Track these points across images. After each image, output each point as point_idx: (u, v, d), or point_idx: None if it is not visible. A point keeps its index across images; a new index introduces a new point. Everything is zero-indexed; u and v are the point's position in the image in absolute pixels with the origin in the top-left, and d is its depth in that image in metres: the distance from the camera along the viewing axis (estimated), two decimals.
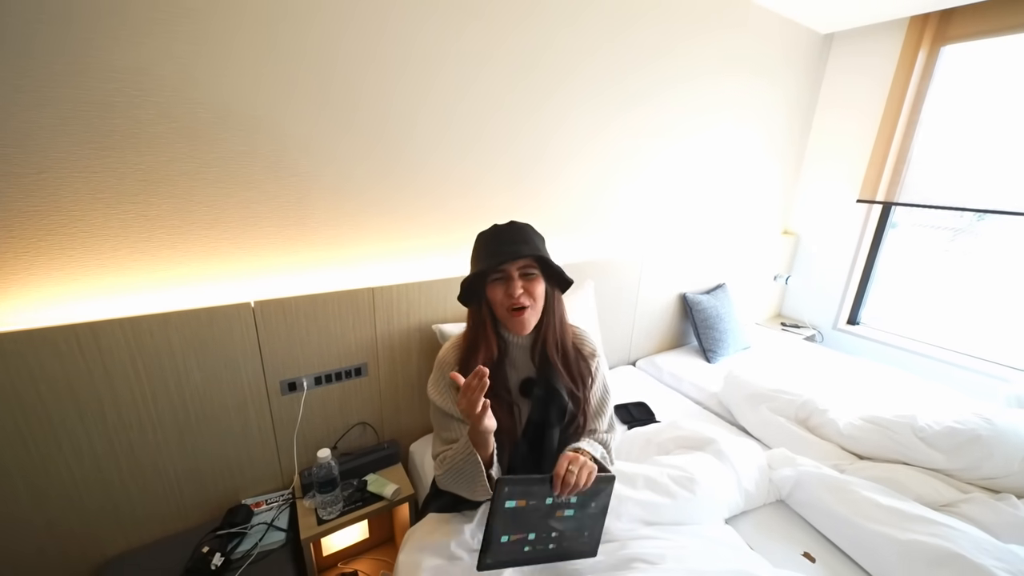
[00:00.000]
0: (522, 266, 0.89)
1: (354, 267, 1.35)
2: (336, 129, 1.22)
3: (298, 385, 1.26)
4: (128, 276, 1.06)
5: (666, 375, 2.00)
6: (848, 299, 2.62)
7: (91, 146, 0.96)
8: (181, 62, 1.00)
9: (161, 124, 1.01)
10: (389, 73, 1.26)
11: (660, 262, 2.05)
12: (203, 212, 1.11)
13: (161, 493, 1.15)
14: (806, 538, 1.11)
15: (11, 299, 0.96)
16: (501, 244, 0.89)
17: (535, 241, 0.92)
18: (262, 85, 1.09)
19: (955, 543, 0.93)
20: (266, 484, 1.30)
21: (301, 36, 1.11)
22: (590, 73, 1.64)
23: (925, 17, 2.13)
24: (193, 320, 1.08)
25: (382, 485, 1.28)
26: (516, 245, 0.88)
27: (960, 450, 1.20)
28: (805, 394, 1.49)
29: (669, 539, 0.91)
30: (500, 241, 0.90)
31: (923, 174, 2.24)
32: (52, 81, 0.90)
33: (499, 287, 0.90)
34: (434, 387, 0.95)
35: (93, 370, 0.99)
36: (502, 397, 0.90)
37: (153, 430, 1.10)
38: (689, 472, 1.07)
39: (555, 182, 1.70)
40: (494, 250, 0.89)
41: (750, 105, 2.24)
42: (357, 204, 1.31)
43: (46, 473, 1.00)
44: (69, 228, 0.98)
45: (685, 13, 1.81)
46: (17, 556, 1.01)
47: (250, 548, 1.12)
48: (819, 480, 1.15)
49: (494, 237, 0.92)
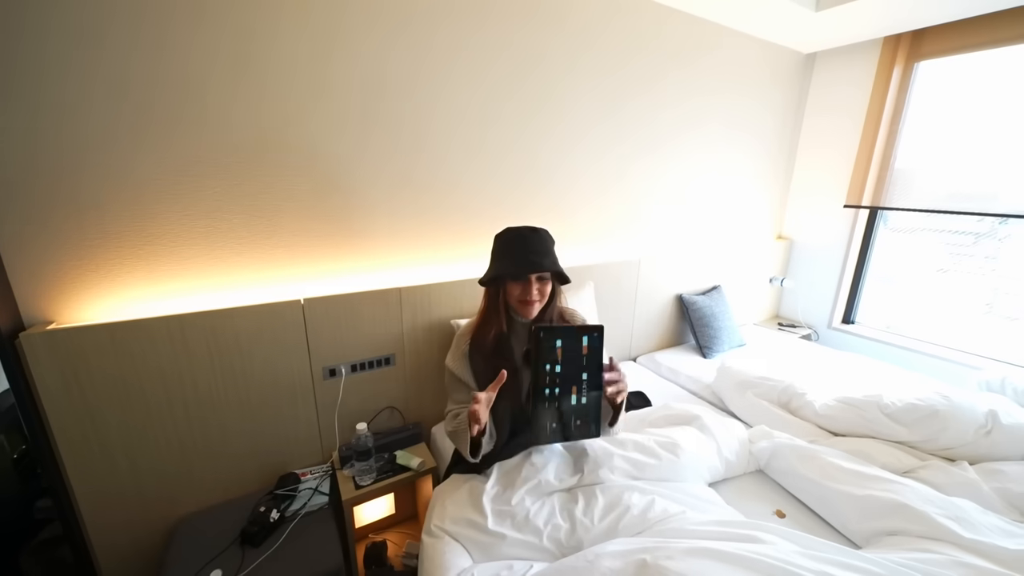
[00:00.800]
0: (539, 275, 1.11)
1: (385, 271, 1.58)
2: (377, 156, 1.47)
3: (337, 372, 1.47)
4: (205, 277, 1.30)
5: (664, 369, 2.16)
6: (841, 299, 2.76)
7: (180, 174, 1.20)
8: (248, 103, 1.24)
9: (233, 155, 1.25)
10: (424, 111, 1.52)
11: (657, 266, 2.23)
12: (263, 225, 1.35)
13: (225, 462, 1.36)
14: (780, 499, 1.27)
15: (119, 295, 1.20)
16: (528, 253, 1.08)
17: (552, 252, 1.13)
18: (314, 119, 1.34)
19: (902, 496, 1.08)
20: (309, 458, 1.50)
21: (348, 72, 1.36)
22: (595, 103, 1.89)
23: (898, 37, 2.32)
24: (255, 314, 1.30)
25: (409, 459, 1.47)
26: (540, 257, 1.08)
27: (920, 423, 1.34)
28: (786, 380, 1.65)
29: (655, 489, 1.08)
30: (527, 250, 1.09)
31: (906, 180, 2.40)
32: (161, 131, 1.15)
33: (518, 286, 1.11)
34: (451, 357, 1.19)
35: (178, 355, 1.22)
36: (509, 364, 1.11)
37: (222, 408, 1.32)
38: (674, 439, 1.24)
39: (565, 197, 1.94)
40: (521, 257, 1.09)
41: (741, 119, 2.44)
42: (386, 216, 1.54)
43: (140, 446, 1.23)
44: (161, 239, 1.22)
45: (679, 43, 2.06)
46: (113, 519, 1.23)
47: (299, 508, 1.32)
48: (791, 450, 1.30)
49: (521, 243, 1.11)
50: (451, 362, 1.19)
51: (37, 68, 1.01)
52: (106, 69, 1.07)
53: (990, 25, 2.04)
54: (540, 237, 1.12)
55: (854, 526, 1.12)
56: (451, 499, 1.09)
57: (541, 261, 1.08)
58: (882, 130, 2.41)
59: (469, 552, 1.00)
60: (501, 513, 1.03)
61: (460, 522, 1.04)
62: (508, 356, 1.13)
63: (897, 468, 1.28)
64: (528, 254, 1.09)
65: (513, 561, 0.96)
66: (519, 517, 1.02)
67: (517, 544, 0.98)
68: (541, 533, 0.99)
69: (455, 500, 1.09)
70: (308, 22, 1.27)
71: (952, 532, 0.97)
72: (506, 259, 1.12)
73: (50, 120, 1.05)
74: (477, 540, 1.00)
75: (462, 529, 1.02)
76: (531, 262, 1.08)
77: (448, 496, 1.11)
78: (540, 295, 1.11)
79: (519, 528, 1.00)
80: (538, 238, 1.12)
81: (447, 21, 1.49)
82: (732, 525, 0.92)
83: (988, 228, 2.24)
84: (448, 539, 1.02)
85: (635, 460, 1.14)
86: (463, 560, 0.98)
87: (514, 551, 0.98)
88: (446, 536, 1.03)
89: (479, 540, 1.00)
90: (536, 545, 0.98)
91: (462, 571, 0.94)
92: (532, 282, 1.09)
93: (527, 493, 1.06)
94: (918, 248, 2.51)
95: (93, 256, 1.15)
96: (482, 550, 0.99)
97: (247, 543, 1.19)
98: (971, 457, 1.30)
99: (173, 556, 1.16)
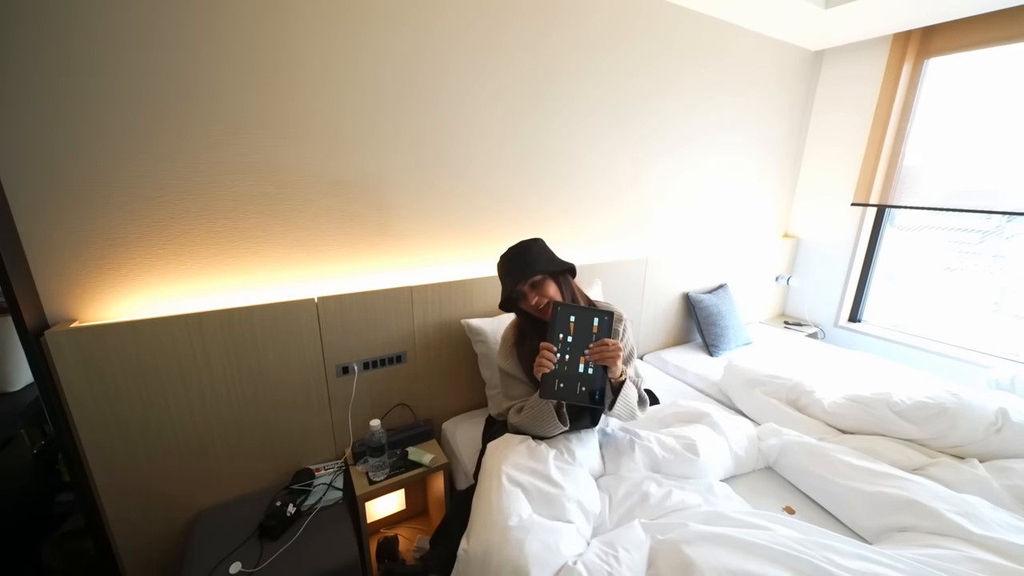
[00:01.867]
0: (530, 281, 1.19)
1: (397, 270, 1.59)
2: (397, 163, 1.50)
3: (350, 369, 1.49)
4: (223, 276, 1.32)
5: (671, 367, 2.17)
6: (848, 298, 2.76)
7: (200, 176, 1.22)
8: (264, 106, 1.26)
9: (250, 157, 1.27)
10: (445, 121, 1.54)
11: (664, 264, 2.24)
12: (278, 226, 1.37)
13: (242, 458, 1.39)
14: (789, 496, 1.28)
15: (139, 294, 1.23)
16: (508, 273, 1.22)
17: (531, 260, 1.20)
18: (333, 123, 1.35)
19: (912, 493, 1.09)
20: (322, 454, 1.53)
21: (377, 81, 1.38)
22: (609, 110, 1.91)
23: (908, 34, 2.31)
24: (271, 312, 1.32)
25: (421, 455, 1.49)
26: (524, 266, 1.19)
27: (929, 421, 1.35)
28: (794, 378, 1.66)
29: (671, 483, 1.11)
30: (507, 271, 1.23)
31: (915, 178, 2.39)
32: (184, 137, 1.17)
33: (524, 300, 1.20)
34: (502, 358, 1.27)
35: (197, 352, 1.24)
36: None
37: (238, 404, 1.34)
38: (691, 439, 1.26)
39: (580, 201, 1.96)
40: (506, 279, 1.22)
41: (750, 119, 2.44)
42: (401, 216, 1.55)
43: (160, 443, 1.25)
44: (181, 239, 1.24)
45: (690, 44, 2.07)
46: (133, 513, 1.26)
47: (314, 503, 1.34)
48: (800, 447, 1.31)
49: (504, 265, 1.25)
50: (501, 361, 1.27)
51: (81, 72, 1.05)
52: (141, 74, 1.09)
53: (1000, 22, 2.03)
54: (522, 248, 1.24)
55: (864, 522, 1.13)
56: (511, 449, 1.11)
57: (524, 269, 1.18)
58: (891, 128, 2.40)
59: (529, 500, 0.99)
60: (561, 469, 1.07)
61: (522, 469, 1.05)
62: None
63: (907, 465, 1.29)
64: (511, 272, 1.21)
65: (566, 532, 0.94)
66: (576, 474, 1.07)
67: (572, 501, 0.99)
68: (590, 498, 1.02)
69: (515, 451, 1.11)
70: (338, 26, 1.30)
71: (962, 528, 0.98)
72: (502, 283, 1.25)
73: (86, 127, 1.08)
74: (540, 488, 1.00)
75: (523, 476, 1.03)
76: (513, 278, 1.19)
77: (506, 447, 1.13)
78: (543, 297, 1.17)
79: (577, 483, 1.03)
80: (520, 250, 1.23)
81: (473, 28, 1.52)
82: (750, 515, 0.94)
83: (995, 226, 2.24)
84: (507, 484, 1.01)
85: (658, 457, 1.17)
86: (521, 506, 0.96)
87: (569, 507, 0.98)
88: (505, 480, 1.01)
89: (542, 489, 1.00)
90: (586, 508, 1.00)
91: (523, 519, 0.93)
92: (528, 292, 1.18)
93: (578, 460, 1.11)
94: (925, 246, 2.50)
95: (116, 256, 1.17)
96: (544, 499, 0.99)
97: (265, 536, 1.21)
98: (981, 455, 1.30)
99: (194, 548, 1.19)
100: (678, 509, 1.01)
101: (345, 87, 1.36)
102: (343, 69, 1.34)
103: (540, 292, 1.18)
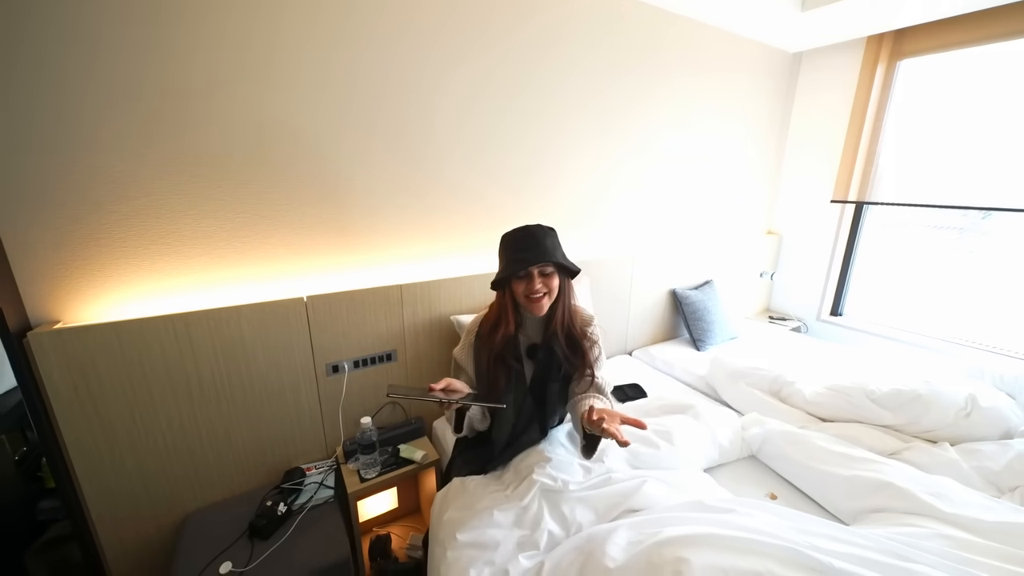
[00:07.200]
0: (540, 268, 1.11)
1: (385, 267, 1.60)
2: (379, 159, 1.50)
3: (340, 368, 1.50)
4: (210, 275, 1.31)
5: (659, 362, 2.21)
6: (829, 292, 2.83)
7: (184, 176, 1.22)
8: (251, 105, 1.26)
9: (237, 154, 1.27)
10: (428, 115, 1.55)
11: (651, 261, 2.28)
12: (265, 224, 1.36)
13: (231, 459, 1.38)
14: (772, 483, 1.32)
15: (124, 295, 1.22)
16: (524, 251, 1.10)
17: (550, 247, 1.12)
18: (316, 122, 1.36)
19: (887, 475, 1.14)
20: (313, 453, 1.52)
21: (350, 77, 1.38)
22: (590, 113, 1.94)
23: (880, 36, 2.39)
24: (259, 312, 1.32)
25: (412, 452, 1.50)
26: (540, 251, 1.09)
27: (903, 407, 1.40)
28: (776, 370, 1.70)
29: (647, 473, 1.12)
30: (523, 248, 1.11)
31: (890, 175, 2.47)
32: (166, 135, 1.16)
33: (522, 283, 1.11)
34: (459, 348, 1.23)
35: (184, 353, 1.24)
36: (514, 360, 1.13)
37: (227, 405, 1.33)
38: (668, 428, 1.28)
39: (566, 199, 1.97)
40: (517, 256, 1.10)
41: (731, 118, 2.50)
42: (385, 213, 1.56)
43: (147, 445, 1.24)
44: (166, 238, 1.24)
45: (671, 46, 2.11)
46: (121, 518, 1.25)
47: (305, 501, 1.34)
48: (782, 435, 1.36)
49: (518, 241, 1.12)
50: (458, 352, 1.23)
51: (54, 74, 1.03)
52: (114, 74, 1.09)
53: (968, 24, 2.11)
54: (541, 232, 1.13)
55: (842, 505, 1.17)
56: (454, 508, 1.06)
57: (541, 255, 1.09)
58: (866, 127, 2.48)
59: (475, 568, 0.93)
60: (504, 511, 1.01)
61: (466, 530, 0.99)
62: (515, 357, 1.15)
63: (883, 450, 1.34)
64: (528, 249, 1.10)
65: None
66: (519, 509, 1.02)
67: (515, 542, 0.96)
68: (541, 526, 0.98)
69: (456, 509, 1.06)
70: (312, 28, 1.29)
71: (934, 507, 1.03)
72: (508, 258, 1.13)
73: (62, 126, 1.06)
74: (482, 551, 0.95)
75: (466, 538, 0.97)
76: (530, 257, 1.08)
77: (445, 505, 1.09)
78: (546, 288, 1.10)
79: (521, 521, 1.00)
80: (539, 233, 1.12)
81: (449, 23, 1.51)
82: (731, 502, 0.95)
83: (971, 223, 2.32)
84: (450, 557, 0.96)
85: (632, 450, 1.18)
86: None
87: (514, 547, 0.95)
88: (450, 555, 0.96)
89: (485, 548, 0.95)
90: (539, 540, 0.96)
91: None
92: (535, 276, 1.09)
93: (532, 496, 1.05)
94: (903, 242, 2.58)
95: (100, 256, 1.16)
96: (490, 552, 0.95)
97: (256, 536, 1.21)
98: (952, 438, 1.36)
99: (183, 549, 1.18)
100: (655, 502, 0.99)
101: (332, 91, 1.36)
102: (317, 72, 1.34)
103: (545, 282, 1.11)
